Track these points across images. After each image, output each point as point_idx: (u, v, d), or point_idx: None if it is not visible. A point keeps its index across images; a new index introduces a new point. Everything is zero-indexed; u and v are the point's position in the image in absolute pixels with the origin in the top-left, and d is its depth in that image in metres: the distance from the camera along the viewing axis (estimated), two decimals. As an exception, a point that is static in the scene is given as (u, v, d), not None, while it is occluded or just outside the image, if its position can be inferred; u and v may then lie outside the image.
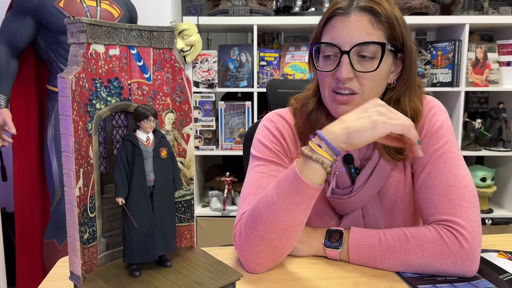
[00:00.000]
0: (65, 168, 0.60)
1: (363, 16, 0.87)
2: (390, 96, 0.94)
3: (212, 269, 0.66)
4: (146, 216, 0.63)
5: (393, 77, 0.94)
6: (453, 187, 0.87)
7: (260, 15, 2.35)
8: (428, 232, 0.85)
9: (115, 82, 0.65)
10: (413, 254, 0.84)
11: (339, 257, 0.89)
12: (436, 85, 2.45)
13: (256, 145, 1.01)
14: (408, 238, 0.85)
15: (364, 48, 0.86)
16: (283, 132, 1.00)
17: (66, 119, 0.59)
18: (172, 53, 0.69)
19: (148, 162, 0.63)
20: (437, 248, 0.83)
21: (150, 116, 0.63)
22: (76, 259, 0.61)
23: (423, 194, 0.91)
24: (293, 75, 2.43)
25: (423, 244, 0.84)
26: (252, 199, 0.91)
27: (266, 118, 1.05)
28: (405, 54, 0.91)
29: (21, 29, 1.86)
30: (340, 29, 0.87)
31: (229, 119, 2.43)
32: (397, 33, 0.89)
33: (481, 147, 2.50)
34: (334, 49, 0.88)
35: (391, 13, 0.88)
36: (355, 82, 0.88)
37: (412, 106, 0.93)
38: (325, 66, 0.90)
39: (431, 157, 0.92)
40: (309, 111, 0.98)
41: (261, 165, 0.97)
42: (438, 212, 0.87)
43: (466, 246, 0.82)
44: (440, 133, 0.93)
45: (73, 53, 0.61)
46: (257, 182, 0.94)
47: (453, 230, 0.83)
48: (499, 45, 2.46)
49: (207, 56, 2.36)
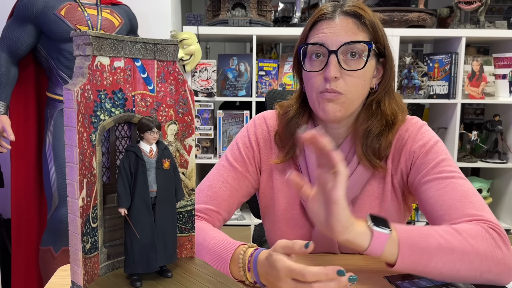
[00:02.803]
0: (69, 179, 0.60)
1: (348, 19, 0.91)
2: (372, 99, 0.97)
3: (212, 280, 0.67)
4: (148, 227, 0.64)
5: (375, 81, 0.97)
6: (469, 193, 0.86)
7: (260, 26, 2.37)
8: (472, 226, 0.79)
9: (119, 94, 0.66)
10: (469, 247, 0.76)
11: (385, 246, 0.74)
12: (433, 97, 2.47)
13: (233, 144, 1.08)
14: (458, 231, 0.77)
15: (351, 47, 0.90)
16: (259, 138, 1.05)
17: (71, 130, 0.59)
18: (175, 66, 0.71)
19: (151, 173, 0.64)
20: (488, 243, 0.77)
21: (154, 128, 0.63)
22: (78, 269, 0.62)
23: (439, 202, 0.87)
24: (291, 85, 2.44)
25: (475, 237, 0.77)
26: (202, 197, 1.00)
27: (254, 119, 1.09)
28: (386, 59, 0.96)
29: (22, 37, 1.87)
30: (327, 31, 0.91)
31: (227, 128, 2.44)
32: (380, 38, 0.93)
33: (477, 159, 2.52)
34: (321, 49, 0.91)
35: (373, 18, 0.93)
36: (341, 82, 0.90)
37: (391, 110, 0.97)
38: (313, 67, 0.93)
39: (433, 169, 0.91)
40: (290, 117, 1.01)
41: (224, 166, 1.04)
42: (465, 214, 0.82)
43: (508, 244, 0.78)
44: (436, 148, 0.94)
45: (78, 65, 0.62)
46: (211, 183, 1.02)
47: (493, 227, 0.79)
48: (495, 58, 2.49)
49: (206, 65, 2.38)
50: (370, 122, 0.96)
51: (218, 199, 1.00)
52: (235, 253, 0.83)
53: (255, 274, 0.79)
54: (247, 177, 1.04)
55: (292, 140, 1.00)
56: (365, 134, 0.96)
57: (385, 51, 0.95)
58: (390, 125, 0.97)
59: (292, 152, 1.01)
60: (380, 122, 0.96)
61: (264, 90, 2.43)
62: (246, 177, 1.04)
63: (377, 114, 0.97)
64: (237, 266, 0.82)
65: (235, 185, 1.02)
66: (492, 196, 2.61)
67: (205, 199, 1.00)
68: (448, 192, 0.87)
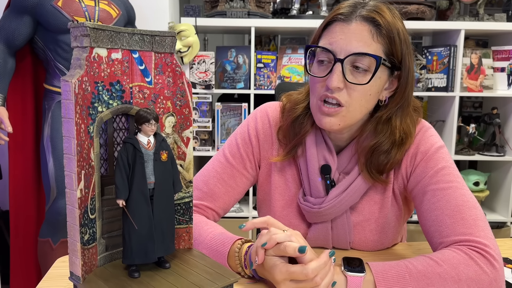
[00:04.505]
0: (67, 170, 0.60)
1: (364, 26, 0.84)
2: (381, 115, 0.91)
3: (210, 271, 0.67)
4: (146, 218, 0.64)
5: (386, 94, 0.91)
6: (463, 206, 0.83)
7: (258, 18, 2.36)
8: (455, 254, 0.77)
9: (117, 86, 0.66)
10: (449, 279, 0.74)
11: (362, 285, 0.76)
12: (431, 89, 2.47)
13: (231, 139, 1.05)
14: (438, 263, 0.76)
15: (360, 59, 0.84)
16: (260, 133, 1.03)
17: (69, 122, 0.59)
18: (173, 57, 0.70)
19: (149, 165, 0.64)
20: (471, 270, 0.75)
21: (152, 120, 0.64)
22: (76, 259, 0.62)
23: (431, 217, 0.85)
24: (290, 78, 2.44)
25: (457, 267, 0.75)
26: (197, 193, 0.99)
27: (256, 113, 1.05)
28: (401, 72, 0.88)
29: (19, 28, 1.86)
30: (339, 35, 0.85)
31: (226, 120, 2.44)
32: (396, 49, 0.86)
33: (475, 152, 2.53)
34: (328, 55, 0.86)
35: (393, 26, 0.85)
36: (344, 93, 0.85)
37: (403, 127, 0.90)
38: (318, 72, 0.88)
39: (431, 178, 0.88)
40: (296, 116, 0.97)
41: (221, 162, 1.02)
42: (454, 233, 0.81)
43: (496, 265, 0.76)
44: (438, 155, 0.90)
45: (76, 57, 0.62)
46: (206, 179, 1.01)
47: (480, 250, 0.77)
48: (494, 51, 2.49)
49: (204, 57, 2.37)
50: (378, 139, 0.90)
51: (213, 196, 1.00)
52: (231, 249, 0.83)
53: (252, 270, 0.80)
54: (244, 174, 1.02)
55: (295, 140, 0.97)
56: (371, 150, 0.91)
57: (401, 64, 0.87)
58: (400, 143, 0.90)
59: (294, 152, 0.98)
60: (390, 140, 0.90)
61: (262, 83, 2.42)
62: (243, 174, 1.02)
63: (386, 130, 0.90)
64: (235, 262, 0.82)
65: (231, 183, 1.01)
66: (489, 189, 2.62)
67: (200, 195, 0.99)
68: (441, 207, 0.84)
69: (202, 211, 0.99)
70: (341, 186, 0.94)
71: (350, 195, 0.93)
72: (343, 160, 0.96)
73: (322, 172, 0.95)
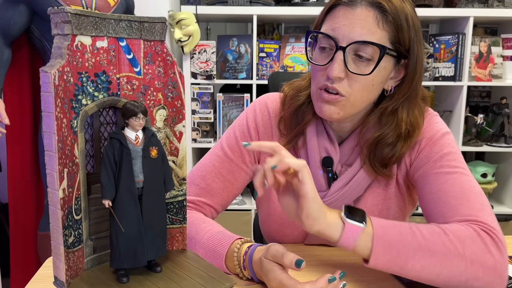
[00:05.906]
0: (48, 168, 0.56)
1: (369, 11, 0.79)
2: (386, 106, 0.86)
3: (204, 275, 0.63)
4: (134, 219, 0.60)
5: (392, 83, 0.86)
6: (470, 191, 0.79)
7: (260, 5, 2.29)
8: (463, 228, 0.72)
9: (102, 76, 0.61)
10: (453, 250, 0.69)
11: (357, 239, 0.69)
12: (439, 79, 2.41)
13: (229, 131, 0.99)
14: (445, 232, 0.71)
15: (363, 47, 0.79)
16: (259, 125, 0.98)
17: (48, 116, 0.55)
18: (164, 46, 0.65)
19: (137, 162, 0.60)
20: (477, 247, 0.70)
21: (139, 113, 0.59)
22: (60, 264, 0.58)
23: (434, 198, 0.81)
24: (293, 67, 2.38)
25: (463, 241, 0.70)
26: (194, 189, 0.95)
27: (255, 104, 1.00)
28: (409, 60, 0.83)
29: (14, 17, 1.81)
30: (342, 21, 0.80)
31: (228, 111, 2.39)
32: (404, 37, 0.80)
33: (483, 143, 2.47)
34: (330, 42, 0.81)
35: (401, 12, 0.80)
36: (344, 83, 0.81)
37: (410, 119, 0.85)
38: (319, 59, 0.83)
39: (435, 163, 0.84)
40: (299, 104, 0.92)
41: (219, 156, 0.97)
42: (460, 213, 0.76)
43: (503, 250, 0.71)
44: (443, 141, 0.86)
45: (56, 45, 0.57)
46: (204, 174, 0.96)
47: (488, 231, 0.72)
48: (504, 39, 2.41)
49: (205, 46, 2.31)
50: (383, 131, 0.86)
51: (211, 192, 0.95)
52: (230, 249, 0.80)
53: (251, 272, 0.76)
54: (243, 168, 0.97)
55: (296, 129, 0.92)
56: (374, 142, 0.86)
57: (408, 52, 0.82)
58: (406, 136, 0.86)
59: (294, 142, 0.94)
60: (395, 132, 0.86)
61: (265, 73, 2.37)
62: (241, 169, 0.97)
63: (392, 122, 0.86)
64: (233, 263, 0.78)
65: (230, 178, 0.96)
66: (497, 181, 2.57)
67: (197, 191, 0.95)
68: (445, 189, 0.79)
69: (200, 207, 0.94)
70: (343, 178, 0.90)
71: (354, 188, 0.89)
72: (345, 151, 0.92)
73: (323, 165, 0.91)
